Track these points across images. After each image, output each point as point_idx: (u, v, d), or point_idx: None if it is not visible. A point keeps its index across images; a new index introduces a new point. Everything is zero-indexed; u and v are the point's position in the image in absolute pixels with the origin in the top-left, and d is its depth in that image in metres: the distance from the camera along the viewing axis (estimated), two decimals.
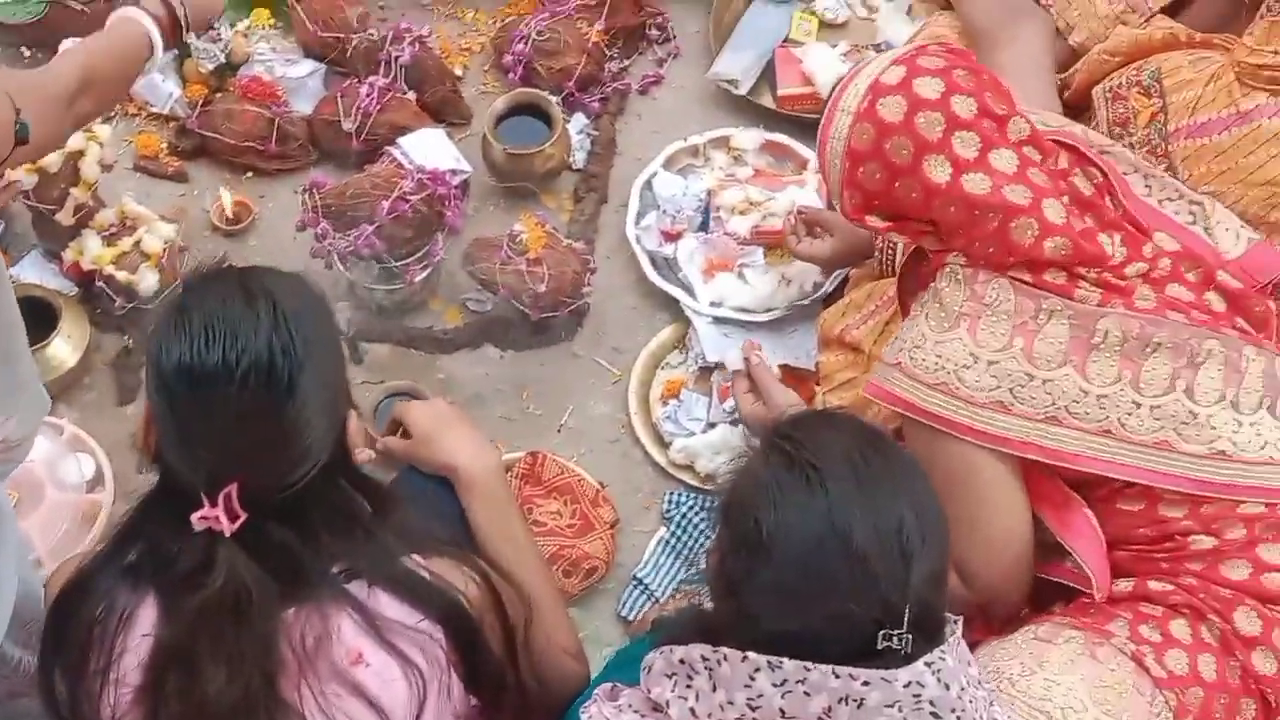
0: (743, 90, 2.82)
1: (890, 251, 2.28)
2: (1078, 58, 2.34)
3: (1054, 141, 1.86)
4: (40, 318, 2.43)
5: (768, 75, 2.84)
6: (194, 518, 1.47)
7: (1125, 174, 1.90)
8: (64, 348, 2.46)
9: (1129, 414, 1.78)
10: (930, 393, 1.83)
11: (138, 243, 2.53)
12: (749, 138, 2.74)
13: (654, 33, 2.91)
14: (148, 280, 2.50)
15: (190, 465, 1.48)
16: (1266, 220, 2.00)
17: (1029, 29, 2.35)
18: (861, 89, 1.81)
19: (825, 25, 2.92)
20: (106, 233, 2.53)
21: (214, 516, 1.46)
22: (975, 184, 1.77)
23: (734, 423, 2.45)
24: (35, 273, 2.58)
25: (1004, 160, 1.77)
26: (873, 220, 1.85)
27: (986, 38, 2.37)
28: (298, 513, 1.52)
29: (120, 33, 2.09)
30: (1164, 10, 2.27)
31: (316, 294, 1.61)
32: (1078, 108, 2.29)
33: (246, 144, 2.69)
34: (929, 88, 1.78)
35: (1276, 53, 1.91)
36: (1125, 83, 2.05)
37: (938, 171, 1.77)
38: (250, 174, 2.74)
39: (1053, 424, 1.79)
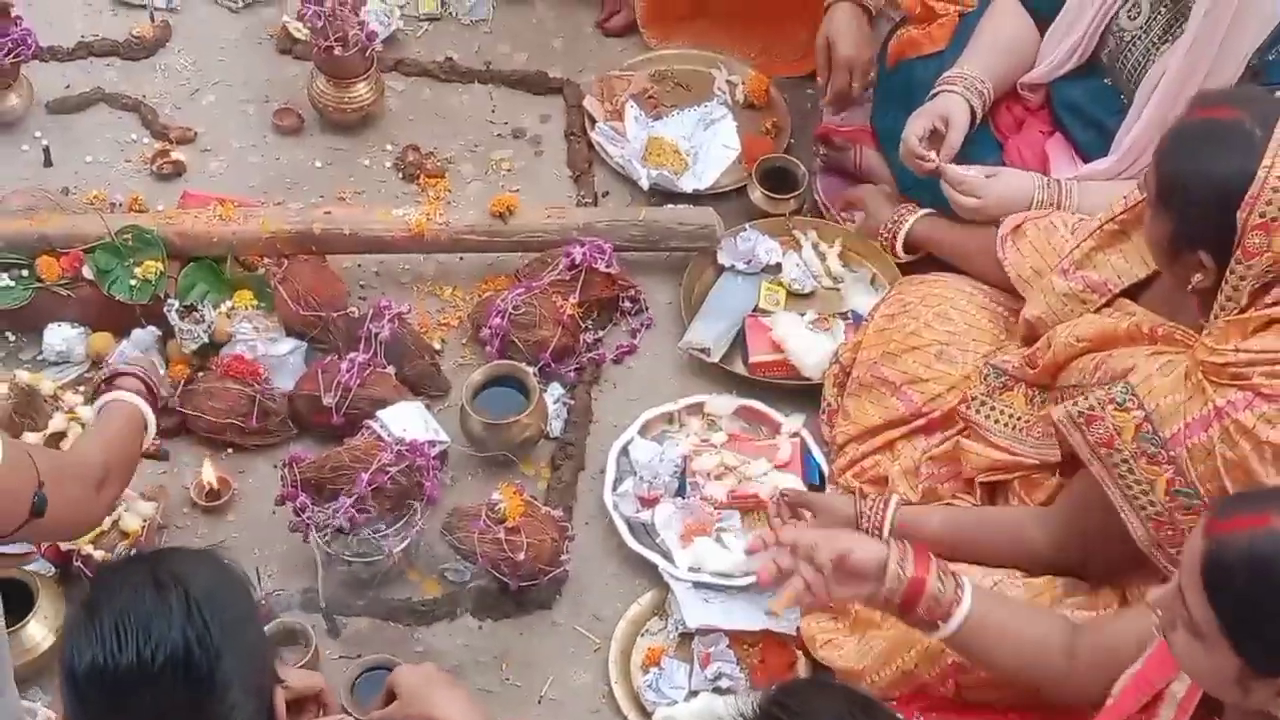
0: (715, 358, 2.90)
1: (876, 532, 2.30)
2: (1031, 328, 2.41)
3: None
4: (17, 599, 2.42)
5: (739, 343, 2.93)
6: None
7: None
8: (40, 629, 2.45)
9: None
10: None
11: (116, 522, 2.55)
12: (723, 404, 2.82)
13: (627, 304, 3.01)
14: None
15: None
16: None
17: None
18: None
19: (792, 295, 3.03)
20: None
21: None
22: None
23: (717, 690, 2.43)
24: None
25: None
26: None
27: None
28: None
29: (122, 417, 2.27)
30: (1124, 293, 2.32)
31: (231, 570, 1.58)
32: (1039, 386, 2.36)
33: (227, 421, 2.74)
34: None
35: (1236, 350, 1.96)
36: (1096, 404, 2.06)
37: None
38: (230, 450, 2.78)
39: None
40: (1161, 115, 2.61)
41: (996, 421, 2.36)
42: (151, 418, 2.33)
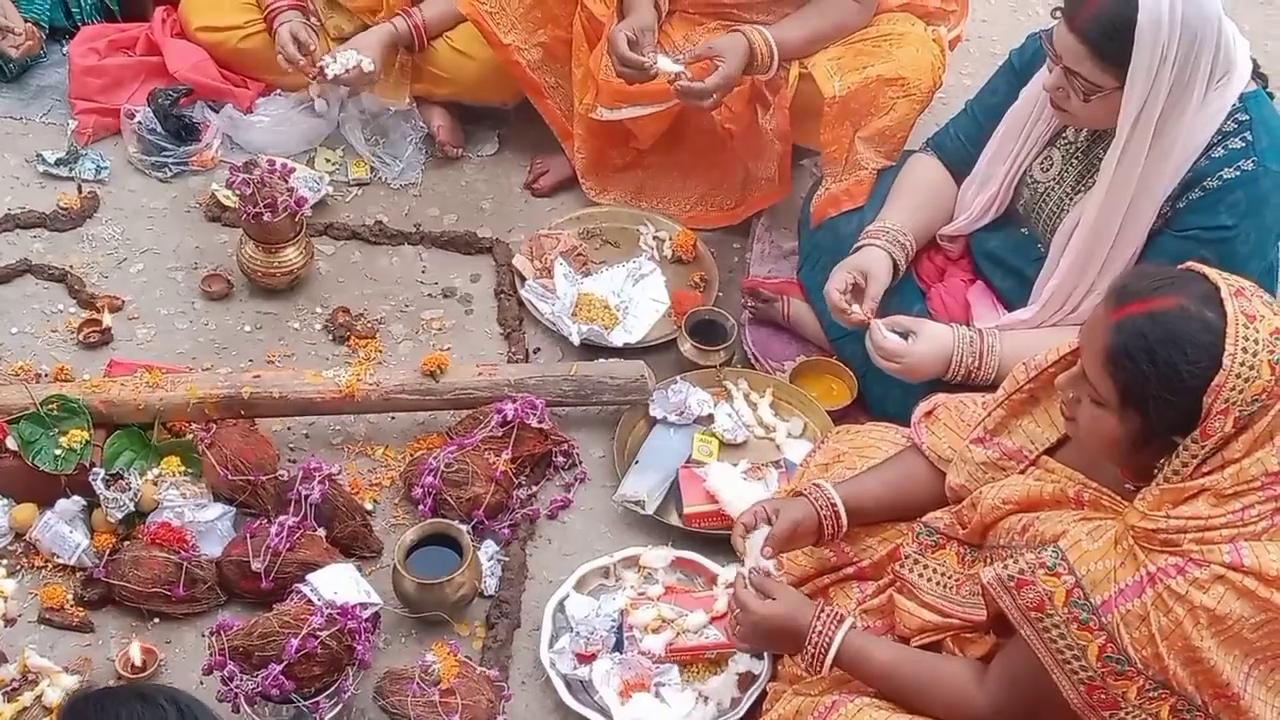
0: (649, 510, 2.92)
1: (823, 654, 2.31)
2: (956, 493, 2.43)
3: None
4: None
5: (673, 494, 2.96)
6: None
7: None
8: None
9: None
10: None
11: (39, 697, 2.52)
12: (658, 556, 2.83)
13: (560, 459, 3.03)
14: None
15: None
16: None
17: None
18: None
19: (725, 445, 3.07)
20: (7, 689, 2.51)
21: None
22: None
23: None
24: None
25: None
26: None
27: None
28: None
29: None
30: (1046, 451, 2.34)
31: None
32: (971, 545, 2.38)
33: (154, 590, 2.71)
34: None
35: (1167, 517, 2.00)
36: (1026, 567, 2.08)
37: None
38: (157, 619, 2.74)
39: None
40: (1080, 264, 2.71)
41: (929, 580, 2.38)
42: None
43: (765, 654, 2.61)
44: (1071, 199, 2.78)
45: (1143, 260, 2.67)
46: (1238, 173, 2.59)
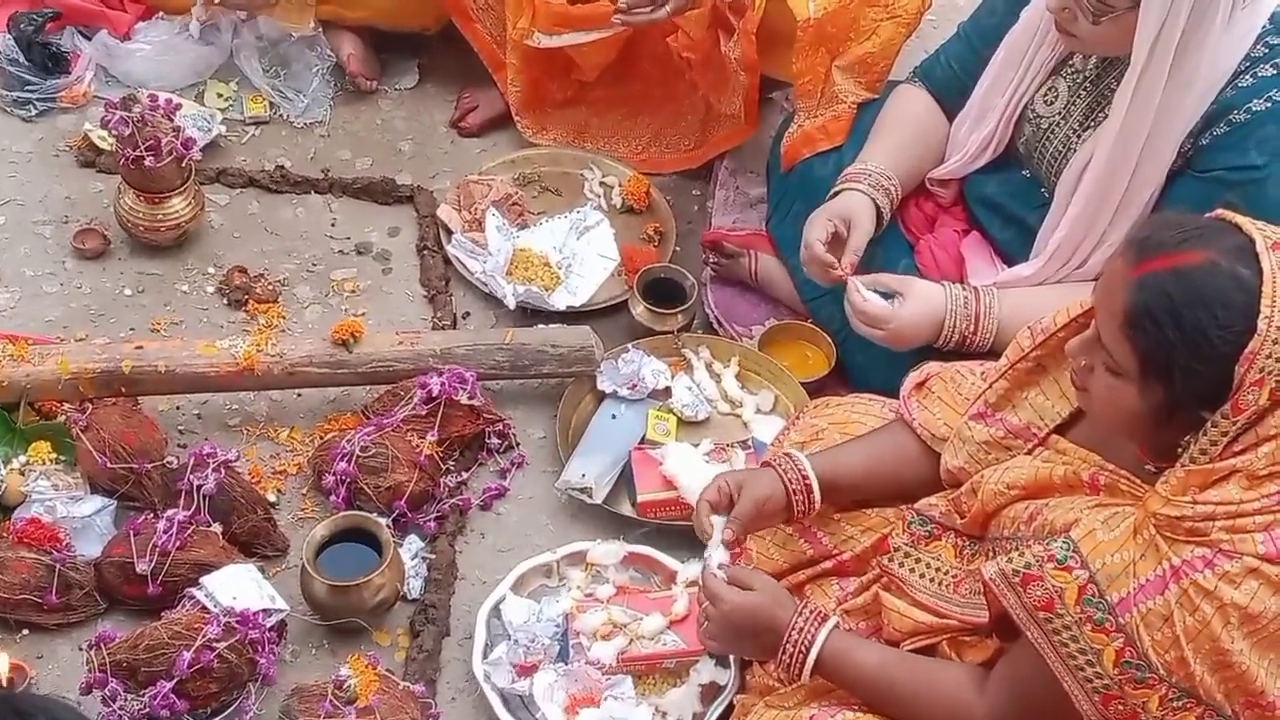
0: (597, 499, 2.91)
1: (802, 657, 2.30)
2: (954, 476, 2.42)
3: None
4: None
5: (625, 481, 2.96)
6: None
7: None
8: None
9: None
10: None
11: None
12: (608, 551, 2.82)
13: (494, 441, 3.02)
14: None
15: None
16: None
17: None
18: None
19: (684, 423, 3.08)
20: None
21: None
22: None
23: None
24: None
25: None
26: None
27: None
28: None
29: None
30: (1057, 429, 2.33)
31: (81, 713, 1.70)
32: (971, 537, 2.37)
33: (21, 597, 2.68)
34: None
35: (1193, 502, 1.99)
36: (1033, 561, 2.07)
37: None
38: (26, 631, 2.72)
39: None
40: (1090, 211, 2.71)
41: (922, 576, 2.38)
42: None
43: (732, 662, 2.61)
44: (1079, 136, 2.79)
45: (1161, 206, 2.68)
46: (1269, 105, 2.59)
